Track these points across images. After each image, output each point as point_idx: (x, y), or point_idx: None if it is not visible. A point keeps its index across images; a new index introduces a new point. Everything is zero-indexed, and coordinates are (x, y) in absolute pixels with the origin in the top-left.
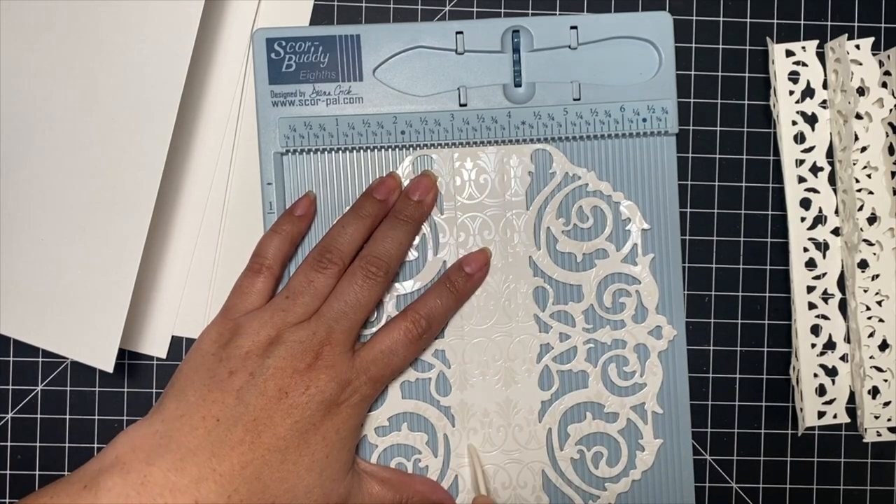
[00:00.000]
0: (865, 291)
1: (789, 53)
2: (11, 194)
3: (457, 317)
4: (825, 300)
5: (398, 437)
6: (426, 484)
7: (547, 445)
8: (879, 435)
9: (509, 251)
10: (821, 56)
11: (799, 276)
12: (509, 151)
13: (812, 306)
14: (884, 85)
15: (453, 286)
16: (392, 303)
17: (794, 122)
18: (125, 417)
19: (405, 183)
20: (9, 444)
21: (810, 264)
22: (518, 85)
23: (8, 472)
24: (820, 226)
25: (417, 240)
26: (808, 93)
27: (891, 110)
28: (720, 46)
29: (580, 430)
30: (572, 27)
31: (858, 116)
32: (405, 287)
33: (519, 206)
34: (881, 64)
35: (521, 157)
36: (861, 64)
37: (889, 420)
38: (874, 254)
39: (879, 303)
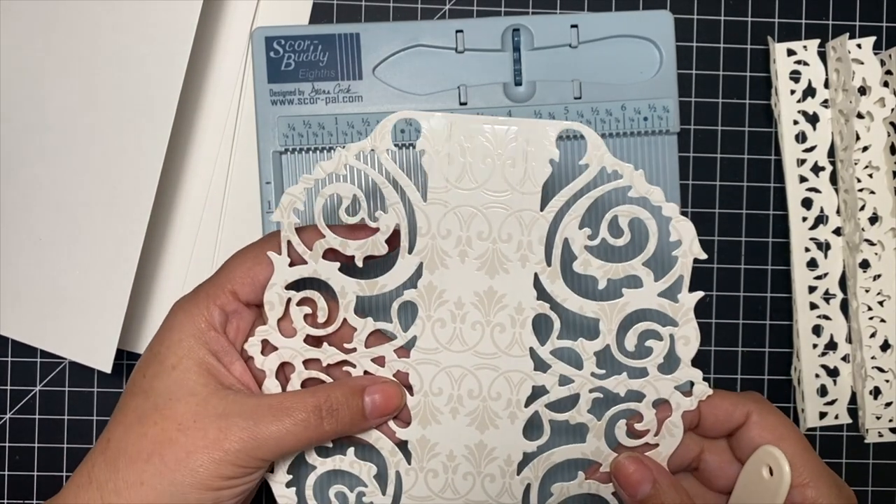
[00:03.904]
0: (867, 291)
1: (791, 52)
2: (10, 194)
3: (429, 334)
4: (827, 300)
5: (342, 462)
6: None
7: (523, 502)
8: (881, 435)
9: (508, 263)
10: (822, 55)
11: (800, 277)
12: (527, 128)
13: (813, 306)
14: (885, 84)
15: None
16: (351, 305)
17: (796, 122)
18: None
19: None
20: (7, 444)
21: (812, 264)
22: (518, 84)
23: (6, 472)
24: (821, 226)
25: (389, 230)
26: (810, 92)
27: (892, 109)
28: (721, 45)
29: (566, 490)
30: (573, 26)
31: (860, 116)
32: (365, 287)
33: (530, 203)
34: (882, 63)
35: (543, 139)
36: (862, 63)
37: (890, 421)
38: (876, 254)
39: (881, 303)
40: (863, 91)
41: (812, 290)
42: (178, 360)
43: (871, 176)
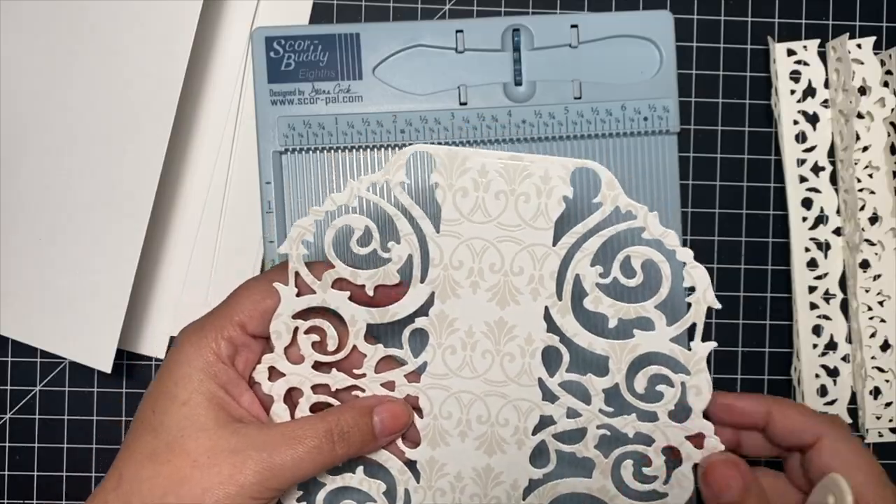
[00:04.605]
0: (867, 292)
1: (791, 53)
2: (10, 194)
3: (439, 361)
4: (827, 300)
5: (351, 479)
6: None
7: None
8: (881, 435)
9: (519, 295)
10: (822, 55)
11: (800, 277)
12: (542, 164)
13: (813, 306)
14: (885, 84)
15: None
16: (361, 333)
17: (796, 122)
18: (123, 418)
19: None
20: (7, 444)
21: (812, 264)
22: (519, 84)
23: (6, 472)
24: (821, 226)
25: (402, 258)
26: (810, 92)
27: (892, 110)
28: (721, 45)
29: None
30: (573, 26)
31: (860, 116)
32: (377, 316)
33: (543, 238)
34: (882, 63)
35: (556, 176)
36: (862, 63)
37: (891, 421)
38: (876, 254)
39: (881, 303)
40: (863, 91)
41: (812, 290)
42: (188, 396)
43: (871, 176)
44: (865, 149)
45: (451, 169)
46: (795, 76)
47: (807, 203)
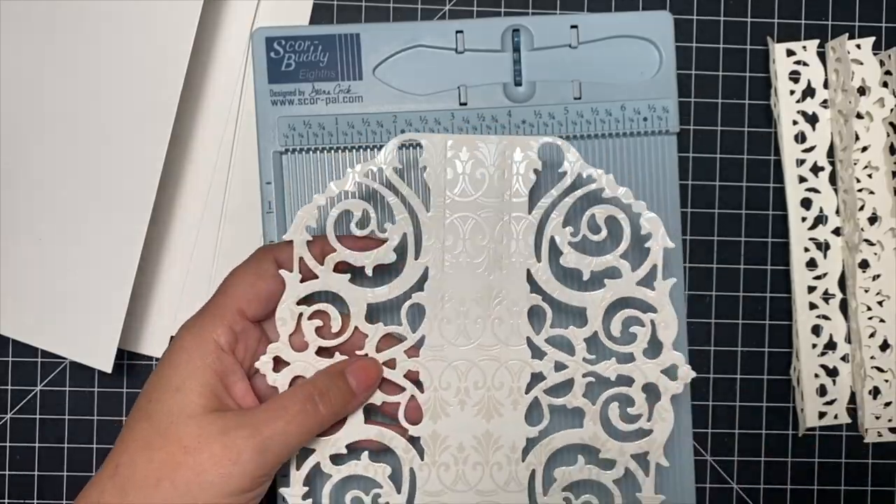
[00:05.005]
0: (866, 291)
1: (790, 53)
2: (10, 194)
3: (435, 333)
4: (826, 300)
5: (356, 467)
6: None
7: (529, 489)
8: (880, 435)
9: (504, 261)
10: (821, 55)
11: (800, 277)
12: (513, 144)
13: (813, 306)
14: (884, 84)
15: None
16: (362, 313)
17: (795, 122)
18: (124, 417)
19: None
20: (8, 444)
21: (811, 264)
22: (518, 84)
23: (7, 472)
24: (821, 226)
25: (396, 240)
26: (809, 92)
27: (892, 110)
28: (721, 46)
29: (569, 475)
30: (573, 26)
31: (859, 116)
32: (377, 294)
33: (520, 208)
34: (882, 63)
35: (527, 152)
36: (862, 63)
37: (890, 420)
38: (875, 254)
39: (880, 303)
40: (862, 91)
41: (811, 290)
42: (181, 382)
43: (870, 176)
44: (865, 149)
45: (437, 152)
46: (795, 76)
47: (806, 203)
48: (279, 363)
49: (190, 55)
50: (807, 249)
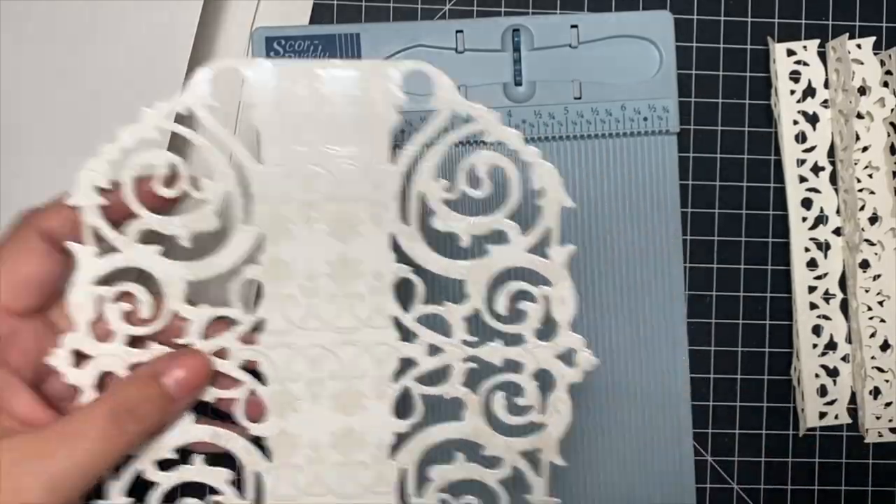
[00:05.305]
0: (867, 292)
1: (790, 53)
2: (10, 194)
3: (278, 316)
4: (826, 300)
5: (189, 472)
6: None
7: (399, 491)
8: (881, 435)
9: (361, 224)
10: (822, 55)
11: (800, 277)
12: (367, 72)
13: (813, 306)
14: (885, 84)
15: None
16: (180, 294)
17: (796, 122)
18: None
19: None
20: None
21: (811, 264)
22: (518, 84)
23: None
24: (821, 226)
25: (215, 201)
26: (810, 92)
27: (892, 110)
28: (721, 46)
29: (446, 474)
30: (573, 26)
31: (860, 116)
32: (197, 270)
33: (379, 157)
34: (882, 63)
35: (387, 84)
36: (862, 63)
37: (890, 420)
38: (875, 254)
39: (881, 303)
40: (862, 91)
41: (812, 290)
42: None
43: (870, 176)
44: (865, 149)
45: (266, 85)
46: (795, 76)
47: (806, 203)
48: (82, 358)
49: (190, 55)
50: (807, 249)
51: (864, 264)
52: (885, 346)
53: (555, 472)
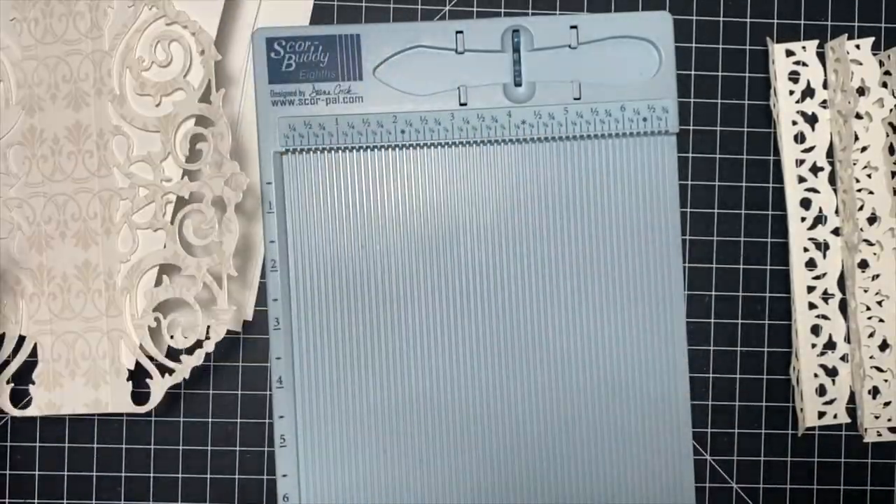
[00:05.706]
0: (865, 291)
1: (789, 53)
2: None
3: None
4: (825, 300)
5: None
6: None
7: (127, 313)
8: (880, 435)
9: (88, 97)
10: (821, 56)
11: (799, 276)
12: None
13: (812, 306)
14: (884, 85)
15: None
16: None
17: (795, 122)
18: (125, 417)
19: None
20: (8, 444)
21: (810, 264)
22: (518, 84)
23: (8, 472)
24: (820, 226)
25: None
26: (809, 93)
27: (891, 110)
28: (720, 46)
29: (156, 295)
30: (572, 27)
31: (858, 116)
32: None
33: (100, 45)
34: (881, 64)
35: None
36: (861, 64)
37: (889, 420)
38: (874, 254)
39: (880, 303)
40: (861, 92)
41: (811, 289)
42: None
43: (869, 176)
44: (864, 149)
45: None
46: (794, 77)
47: (805, 203)
48: None
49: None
50: (806, 249)
51: (863, 264)
52: (883, 346)
53: (555, 471)
